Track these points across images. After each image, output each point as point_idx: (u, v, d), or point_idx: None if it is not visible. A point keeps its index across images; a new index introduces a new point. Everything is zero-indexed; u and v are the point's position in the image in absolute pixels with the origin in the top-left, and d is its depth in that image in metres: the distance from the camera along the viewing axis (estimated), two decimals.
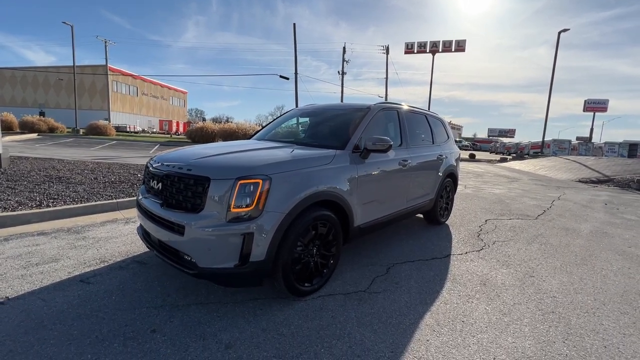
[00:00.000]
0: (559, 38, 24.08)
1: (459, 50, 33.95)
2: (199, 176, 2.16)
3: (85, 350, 1.80)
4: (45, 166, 7.38)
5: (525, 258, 3.57)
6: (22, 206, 4.16)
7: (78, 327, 2.00)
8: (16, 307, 2.18)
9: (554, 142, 29.75)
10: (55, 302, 2.25)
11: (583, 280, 3.05)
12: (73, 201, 4.57)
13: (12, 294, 2.32)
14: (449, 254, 3.59)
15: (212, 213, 2.08)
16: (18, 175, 6.06)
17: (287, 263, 2.25)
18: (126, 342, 1.88)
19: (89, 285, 2.51)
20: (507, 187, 9.36)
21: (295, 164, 2.37)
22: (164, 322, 2.09)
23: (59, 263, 2.85)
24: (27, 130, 23.46)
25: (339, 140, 2.98)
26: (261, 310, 2.28)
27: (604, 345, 2.07)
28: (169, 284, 2.58)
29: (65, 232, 3.65)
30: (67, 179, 5.98)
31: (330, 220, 2.53)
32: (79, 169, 7.24)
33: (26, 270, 2.69)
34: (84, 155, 11.56)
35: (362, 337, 2.04)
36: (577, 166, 16.05)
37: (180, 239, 2.14)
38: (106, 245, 3.31)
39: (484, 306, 2.49)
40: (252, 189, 2.08)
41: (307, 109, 4.05)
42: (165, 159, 2.55)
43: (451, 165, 4.70)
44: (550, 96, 25.01)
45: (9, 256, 2.94)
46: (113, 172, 7.08)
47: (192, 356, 1.80)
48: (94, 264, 2.87)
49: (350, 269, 3.03)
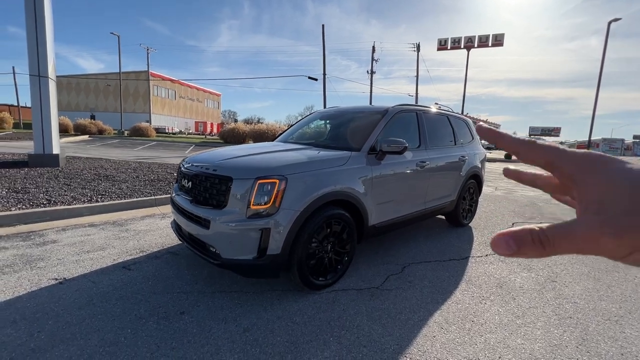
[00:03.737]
0: (609, 28, 22.19)
1: (496, 44, 32.32)
2: (223, 176, 2.39)
3: (126, 325, 2.09)
4: (95, 165, 8.18)
5: (550, 263, 3.46)
6: (76, 201, 4.71)
7: (120, 306, 2.31)
8: (71, 286, 2.54)
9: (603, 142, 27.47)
10: (102, 284, 2.59)
11: (611, 288, 2.92)
12: (118, 197, 5.09)
13: (68, 276, 2.71)
14: (468, 256, 3.57)
15: (234, 209, 2.30)
16: (73, 173, 6.80)
17: (302, 257, 2.42)
18: (159, 321, 2.14)
19: (130, 271, 2.85)
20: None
21: (310, 165, 2.54)
22: (192, 305, 2.35)
23: (105, 251, 3.25)
24: (79, 133, 25.84)
25: (356, 142, 3.10)
26: (278, 300, 2.47)
27: (621, 352, 2.02)
28: (197, 273, 2.85)
29: (111, 225, 4.10)
30: (113, 177, 6.62)
31: (344, 218, 2.66)
32: (123, 168, 7.95)
33: (79, 256, 3.09)
34: (128, 155, 12.58)
35: (370, 330, 2.15)
36: None
37: (206, 233, 2.38)
38: (145, 237, 3.69)
39: (497, 308, 2.49)
40: (270, 188, 2.28)
41: (328, 112, 4.20)
42: (195, 160, 2.82)
43: (475, 167, 4.62)
44: (598, 91, 23.12)
45: (66, 244, 3.39)
46: (152, 171, 7.70)
47: (215, 337, 2.02)
48: (135, 253, 3.22)
49: (365, 267, 3.14)
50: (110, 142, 20.61)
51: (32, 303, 2.29)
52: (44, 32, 7.33)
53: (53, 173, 6.63)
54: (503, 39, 31.86)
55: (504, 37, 31.86)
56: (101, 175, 6.74)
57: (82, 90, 53.29)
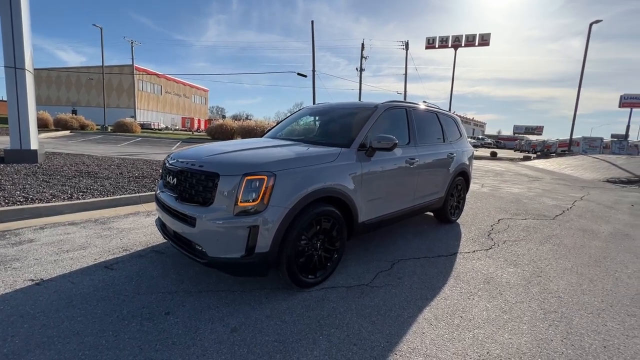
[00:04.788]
0: (590, 30, 22.83)
1: (482, 44, 32.89)
2: (209, 172, 2.32)
3: (107, 328, 2.00)
4: (76, 162, 7.90)
5: (535, 258, 3.53)
6: (55, 198, 4.52)
7: (102, 307, 2.21)
8: (49, 287, 2.43)
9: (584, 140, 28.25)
10: (83, 285, 2.49)
11: (593, 282, 3.00)
12: (100, 194, 4.92)
13: (46, 277, 2.59)
14: (455, 252, 3.60)
15: (221, 207, 2.23)
16: (52, 169, 6.54)
17: (291, 255, 2.37)
18: (143, 323, 2.07)
19: (112, 271, 2.74)
20: (526, 187, 9.09)
21: (299, 162, 2.49)
22: (177, 306, 2.28)
23: (86, 250, 3.12)
24: (60, 128, 24.96)
25: (345, 139, 3.07)
26: (266, 299, 2.42)
27: (604, 345, 2.07)
28: (183, 272, 2.77)
29: (93, 223, 3.95)
30: (95, 174, 6.40)
31: (334, 215, 2.63)
32: (106, 165, 7.70)
33: (58, 256, 2.96)
34: (111, 151, 12.21)
35: (360, 328, 2.13)
36: (606, 165, 15.25)
37: (192, 230, 2.31)
38: (128, 236, 3.58)
39: (485, 303, 2.52)
40: (258, 185, 2.22)
41: (317, 108, 4.15)
42: (180, 156, 2.74)
43: (463, 164, 4.66)
44: (579, 91, 23.80)
45: (44, 243, 3.25)
46: (137, 168, 7.49)
47: (201, 337, 1.96)
48: (117, 252, 3.11)
49: (355, 264, 3.12)
50: (93, 137, 19.98)
51: (6, 306, 2.17)
52: (20, 21, 6.98)
53: (31, 169, 6.36)
54: (489, 39, 32.44)
55: (490, 37, 32.44)
56: (83, 172, 6.51)
57: (62, 84, 51.46)
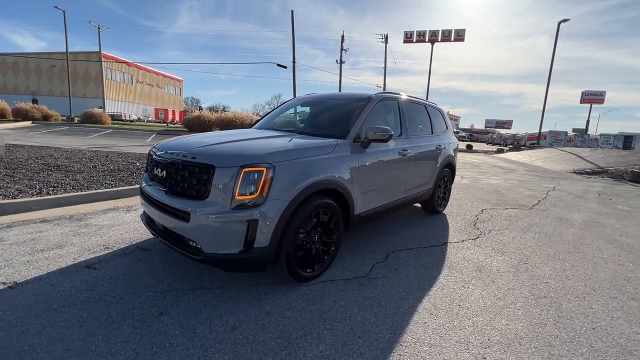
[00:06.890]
0: (559, 28, 23.92)
1: (458, 40, 33.59)
2: (204, 164, 2.19)
3: (96, 331, 1.86)
4: (42, 154, 7.33)
5: (520, 246, 3.67)
6: (22, 194, 4.17)
7: (87, 310, 2.05)
8: (25, 291, 2.23)
9: (550, 134, 29.90)
10: (63, 287, 2.30)
11: (575, 267, 3.16)
12: (73, 189, 4.58)
13: (19, 279, 2.37)
14: (446, 242, 3.67)
15: (217, 200, 2.12)
16: (15, 163, 6.03)
17: (289, 249, 2.31)
18: (135, 324, 1.94)
19: (95, 270, 2.56)
20: (503, 178, 9.46)
21: (298, 153, 2.41)
22: (170, 305, 2.16)
23: (63, 249, 2.90)
24: (20, 118, 23.09)
25: (340, 130, 3.01)
26: (265, 295, 2.35)
27: (593, 327, 2.17)
28: (173, 270, 2.63)
29: (68, 220, 3.68)
30: (65, 168, 5.97)
31: (332, 208, 2.58)
32: (76, 158, 7.21)
33: (31, 256, 2.73)
34: (81, 143, 11.47)
35: (363, 320, 2.12)
36: (572, 157, 16.20)
37: (185, 226, 2.18)
38: (109, 233, 3.35)
39: (480, 291, 2.58)
40: (257, 177, 2.12)
41: (308, 99, 4.05)
42: (168, 147, 2.57)
43: (449, 156, 4.75)
44: (548, 88, 25.00)
45: (13, 242, 2.98)
46: (111, 161, 7.06)
47: (200, 337, 1.86)
48: (99, 251, 2.91)
49: (350, 256, 3.10)
50: (58, 129, 18.68)
51: None
52: None
53: None
54: (464, 35, 33.18)
55: (465, 33, 33.17)
56: (51, 165, 6.05)
57: (20, 71, 47.58)
